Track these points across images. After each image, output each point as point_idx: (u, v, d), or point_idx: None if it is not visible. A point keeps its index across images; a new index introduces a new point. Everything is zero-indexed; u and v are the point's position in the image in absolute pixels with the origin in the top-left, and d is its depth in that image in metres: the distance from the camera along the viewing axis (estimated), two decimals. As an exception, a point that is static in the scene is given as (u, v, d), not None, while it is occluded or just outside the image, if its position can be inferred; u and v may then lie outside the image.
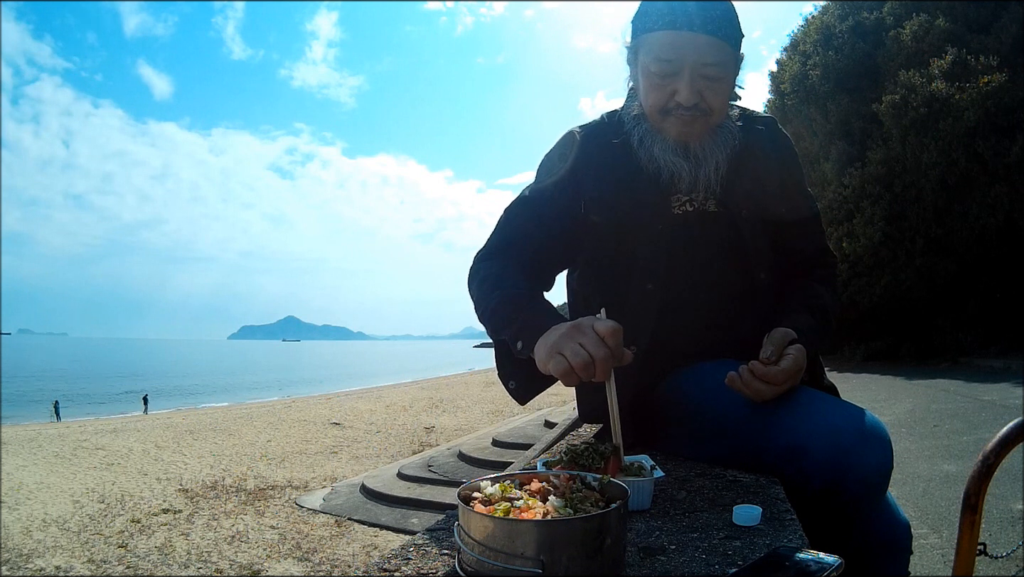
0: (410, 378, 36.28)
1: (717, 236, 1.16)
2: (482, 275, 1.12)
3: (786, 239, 1.21)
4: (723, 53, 1.05)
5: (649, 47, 1.07)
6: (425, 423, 14.32)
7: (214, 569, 5.75)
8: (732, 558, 0.66)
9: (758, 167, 1.17)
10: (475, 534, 0.58)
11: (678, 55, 1.04)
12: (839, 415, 0.95)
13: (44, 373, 49.38)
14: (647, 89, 1.10)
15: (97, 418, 19.57)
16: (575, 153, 1.18)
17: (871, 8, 16.31)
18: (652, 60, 1.07)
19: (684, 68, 1.05)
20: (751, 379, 0.99)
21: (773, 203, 1.18)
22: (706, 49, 1.04)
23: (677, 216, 1.16)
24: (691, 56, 1.04)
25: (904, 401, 7.92)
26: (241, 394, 30.33)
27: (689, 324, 1.15)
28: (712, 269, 1.16)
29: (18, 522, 7.17)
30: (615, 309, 1.14)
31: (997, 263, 13.00)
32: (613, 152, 1.16)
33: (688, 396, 1.11)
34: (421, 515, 6.63)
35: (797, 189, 1.23)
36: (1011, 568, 2.30)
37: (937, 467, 4.55)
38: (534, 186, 1.21)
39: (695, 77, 1.05)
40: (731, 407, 1.03)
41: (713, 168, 1.11)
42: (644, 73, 1.10)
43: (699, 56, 1.04)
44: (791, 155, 1.25)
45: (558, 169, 1.19)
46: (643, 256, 1.14)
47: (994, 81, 12.86)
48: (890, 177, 14.31)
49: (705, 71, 1.05)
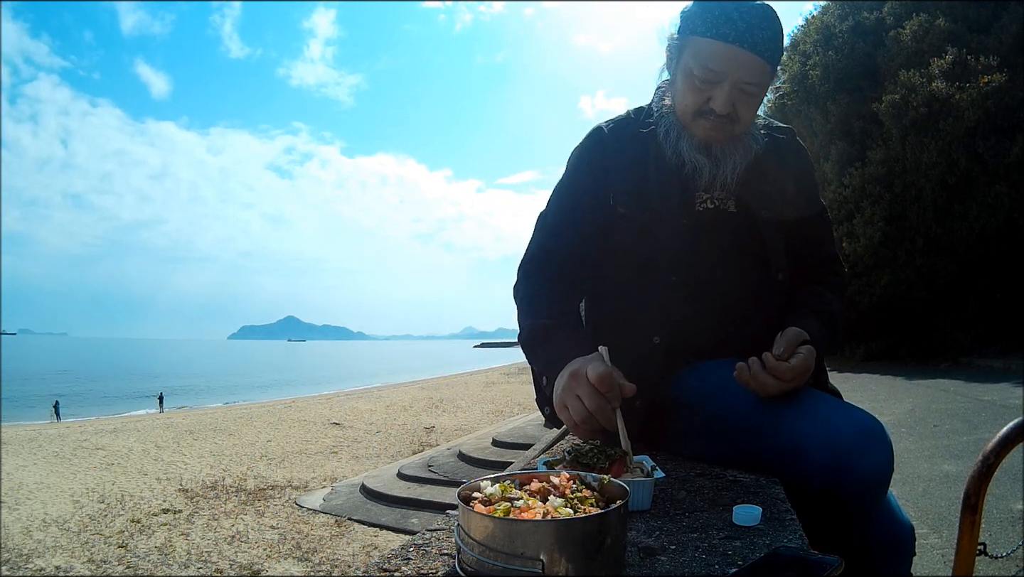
0: (410, 378, 36.27)
1: (736, 235, 1.19)
2: (520, 296, 1.20)
3: (799, 244, 1.24)
4: (764, 74, 1.09)
5: (697, 51, 1.09)
6: (425, 423, 14.33)
7: (214, 569, 5.75)
8: (732, 558, 0.66)
9: (776, 173, 1.20)
10: (475, 534, 0.58)
11: (724, 67, 1.07)
12: (839, 416, 0.95)
13: (44, 373, 49.39)
14: (685, 90, 1.13)
15: (97, 418, 19.57)
16: (603, 148, 1.22)
17: (871, 8, 16.31)
18: (697, 65, 1.09)
19: (726, 79, 1.08)
20: (760, 372, 0.99)
21: (788, 208, 1.21)
22: (751, 67, 1.07)
23: (700, 212, 1.19)
24: (736, 71, 1.07)
25: (904, 401, 7.92)
26: (241, 394, 30.33)
27: (707, 319, 1.17)
28: (730, 267, 1.18)
29: (18, 522, 7.17)
30: (639, 298, 1.17)
31: (997, 263, 13.00)
32: (640, 144, 1.20)
33: (689, 396, 1.12)
34: (421, 515, 6.63)
35: (811, 197, 1.28)
36: (1011, 568, 2.30)
37: (937, 467, 4.54)
38: (564, 186, 1.25)
39: (734, 90, 1.08)
40: (732, 407, 1.03)
41: (731, 169, 1.15)
42: (685, 74, 1.12)
43: (743, 73, 1.07)
44: (807, 165, 1.30)
45: (585, 167, 1.23)
46: (669, 248, 1.16)
47: (994, 81, 12.87)
48: (890, 177, 14.31)
49: (745, 87, 1.09)
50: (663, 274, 1.15)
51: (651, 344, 1.12)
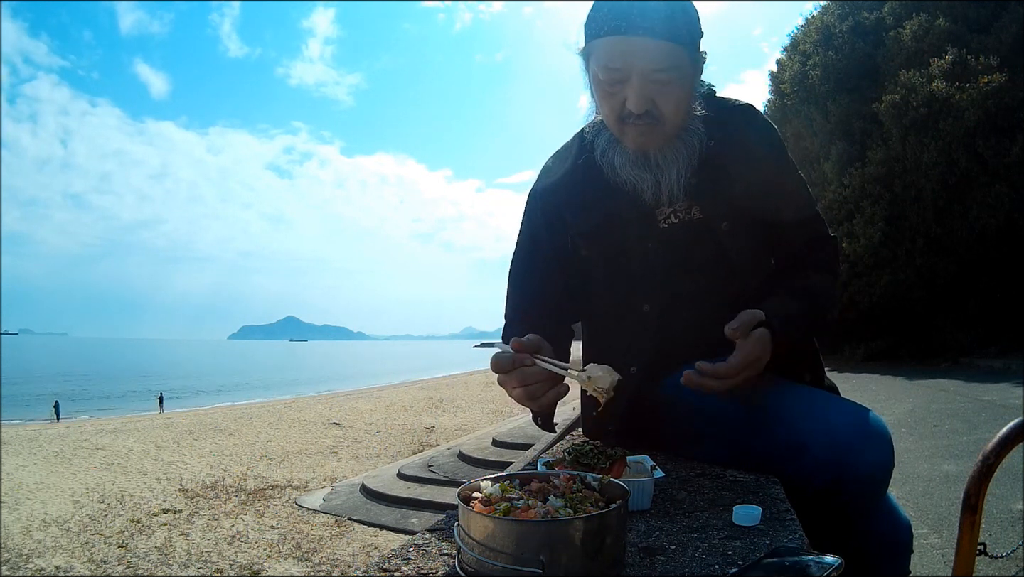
0: (410, 378, 36.27)
1: (705, 245, 1.13)
2: None
3: (777, 233, 1.18)
4: (675, 57, 0.99)
5: (598, 54, 1.02)
6: (425, 423, 14.32)
7: (214, 569, 5.75)
8: (732, 558, 0.66)
9: (735, 166, 1.11)
10: (475, 534, 0.58)
11: (624, 62, 0.99)
12: (839, 413, 0.95)
13: (44, 373, 49.39)
14: (600, 98, 1.07)
15: (97, 418, 19.57)
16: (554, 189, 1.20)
17: (871, 8, 16.31)
18: (601, 68, 1.02)
19: (632, 74, 1.00)
20: (700, 379, 0.96)
21: (757, 200, 1.13)
22: (653, 54, 0.98)
23: (664, 230, 1.14)
24: (638, 63, 0.99)
25: (904, 401, 7.92)
26: (241, 394, 30.33)
27: (682, 342, 1.12)
28: (703, 281, 1.14)
29: (18, 522, 7.17)
30: (614, 331, 1.18)
31: (997, 263, 13.00)
32: (588, 171, 1.15)
33: (687, 396, 1.11)
34: (421, 515, 6.63)
35: (782, 179, 1.17)
36: (1011, 568, 2.30)
37: (937, 467, 4.54)
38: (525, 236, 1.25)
39: (644, 83, 1.00)
40: (730, 407, 1.03)
41: (676, 177, 1.07)
42: (596, 82, 1.06)
43: (646, 62, 0.98)
44: (771, 144, 1.17)
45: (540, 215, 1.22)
46: (636, 277, 1.14)
47: (994, 81, 12.86)
48: (890, 177, 14.30)
49: (655, 76, 1.00)
50: (634, 304, 1.14)
51: (628, 374, 1.12)
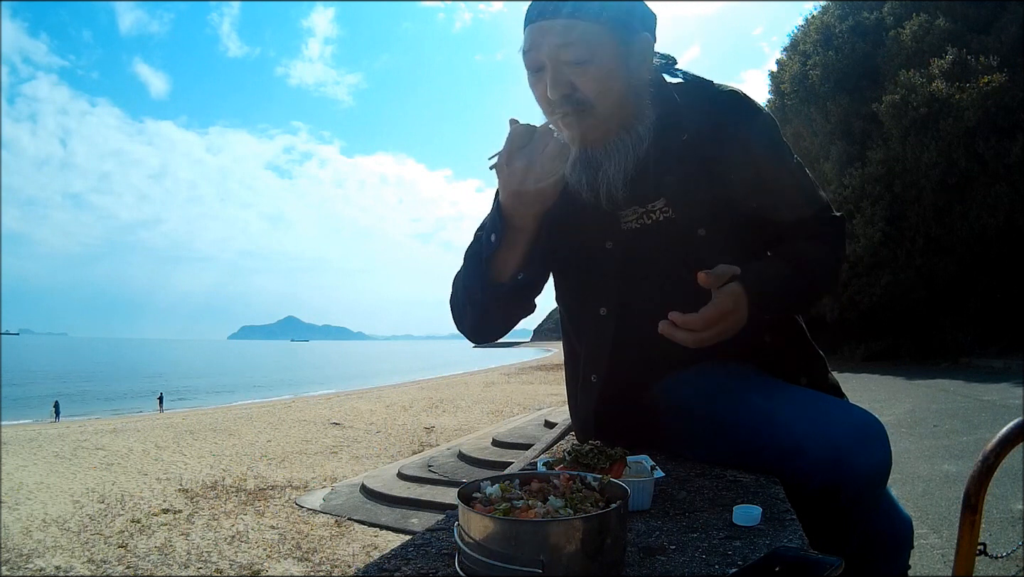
0: (410, 378, 36.27)
1: (675, 243, 1.07)
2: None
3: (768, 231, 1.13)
4: (588, 34, 0.95)
5: (522, 48, 1.02)
6: (425, 423, 14.32)
7: (214, 569, 5.75)
8: (732, 558, 0.66)
9: (717, 161, 1.04)
10: (475, 534, 0.58)
11: (538, 47, 0.97)
12: (836, 413, 0.95)
13: (44, 373, 49.41)
14: (533, 94, 1.04)
15: (97, 418, 19.57)
16: None
17: (871, 8, 16.33)
18: (523, 59, 1.01)
19: (544, 58, 0.97)
20: (673, 329, 0.93)
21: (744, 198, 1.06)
22: (565, 34, 0.95)
23: (628, 231, 1.10)
24: (550, 47, 0.96)
25: (904, 401, 7.92)
26: (241, 394, 30.34)
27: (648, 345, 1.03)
28: (672, 284, 1.06)
29: (18, 522, 7.17)
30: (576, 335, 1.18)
31: (997, 263, 13.01)
32: None
33: (686, 397, 1.11)
34: (421, 515, 6.63)
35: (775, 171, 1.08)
36: (1011, 568, 2.30)
37: (937, 467, 4.55)
38: None
39: (559, 65, 0.97)
40: (729, 407, 1.03)
41: (615, 171, 1.01)
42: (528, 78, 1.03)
43: (558, 43, 0.95)
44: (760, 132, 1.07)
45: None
46: (594, 281, 1.12)
47: (994, 81, 12.87)
48: (890, 177, 14.32)
49: (563, 55, 0.96)
50: (591, 308, 1.13)
51: (590, 382, 1.12)
